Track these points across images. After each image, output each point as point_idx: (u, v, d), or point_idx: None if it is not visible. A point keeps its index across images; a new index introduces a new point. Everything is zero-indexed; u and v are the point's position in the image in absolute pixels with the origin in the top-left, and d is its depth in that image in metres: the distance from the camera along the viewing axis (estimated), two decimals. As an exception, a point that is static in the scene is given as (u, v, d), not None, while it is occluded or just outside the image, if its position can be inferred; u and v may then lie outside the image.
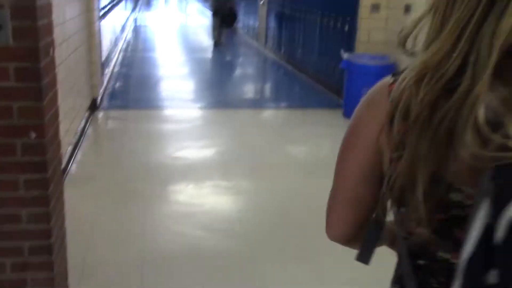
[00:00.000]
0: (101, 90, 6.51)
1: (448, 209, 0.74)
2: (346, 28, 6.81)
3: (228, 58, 10.91)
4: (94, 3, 5.90)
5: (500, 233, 0.61)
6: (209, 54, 11.23)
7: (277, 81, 9.27)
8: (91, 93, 5.96)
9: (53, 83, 2.25)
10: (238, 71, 10.09)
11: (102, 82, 6.71)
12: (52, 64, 2.24)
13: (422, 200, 0.73)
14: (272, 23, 10.85)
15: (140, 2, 24.47)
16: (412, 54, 0.78)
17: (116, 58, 9.32)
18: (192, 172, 4.37)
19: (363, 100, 0.88)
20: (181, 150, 4.94)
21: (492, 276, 0.61)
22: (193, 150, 4.98)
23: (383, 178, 0.81)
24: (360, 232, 0.90)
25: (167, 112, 6.39)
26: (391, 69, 5.93)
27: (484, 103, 0.66)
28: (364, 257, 0.91)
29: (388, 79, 0.84)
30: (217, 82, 8.57)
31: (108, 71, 7.72)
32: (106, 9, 7.77)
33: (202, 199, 3.90)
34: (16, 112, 2.03)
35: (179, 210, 3.69)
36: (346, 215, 0.91)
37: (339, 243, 0.95)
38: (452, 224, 0.74)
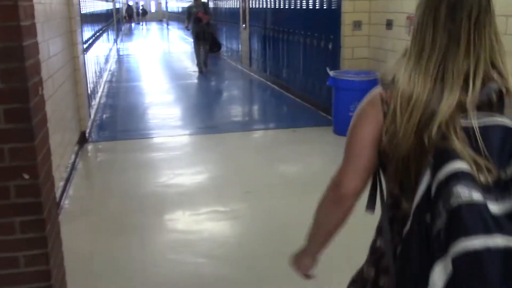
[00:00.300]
0: (89, 123, 6.48)
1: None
2: (330, 46, 6.87)
3: (213, 82, 10.94)
4: (77, 38, 5.90)
5: (433, 189, 1.01)
6: (194, 79, 11.25)
7: (264, 102, 9.30)
8: (79, 126, 5.93)
9: (43, 122, 2.24)
10: (224, 95, 10.12)
11: (90, 114, 6.69)
12: (41, 103, 2.23)
13: (395, 167, 1.19)
14: (255, 46, 10.93)
15: (121, 33, 24.57)
16: (388, 85, 1.23)
17: (102, 89, 9.31)
18: (187, 199, 4.34)
19: (365, 101, 1.30)
20: (174, 178, 4.91)
21: (428, 217, 1.01)
22: (185, 177, 4.95)
23: (379, 151, 1.24)
24: (365, 187, 1.30)
25: (157, 140, 6.36)
26: (377, 84, 5.98)
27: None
28: (370, 206, 1.32)
29: (379, 88, 1.27)
30: (204, 107, 8.57)
31: (94, 103, 7.70)
32: (89, 42, 7.77)
33: (199, 226, 3.86)
34: (8, 154, 2.01)
35: (177, 238, 3.64)
36: (357, 174, 1.28)
37: (348, 200, 1.30)
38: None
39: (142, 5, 41.06)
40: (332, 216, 1.35)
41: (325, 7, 7.03)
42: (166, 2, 37.42)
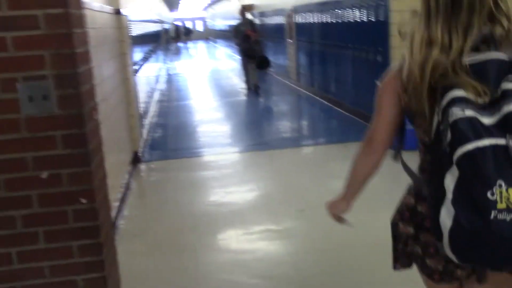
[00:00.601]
0: (141, 143, 6.60)
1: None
2: (379, 58, 6.74)
3: (261, 98, 10.93)
4: (128, 60, 6.04)
5: (439, 116, 1.33)
6: (242, 96, 11.30)
7: (313, 117, 9.22)
8: (132, 146, 6.04)
9: (99, 146, 2.26)
10: (273, 111, 10.10)
11: (142, 134, 6.81)
12: (97, 128, 2.26)
13: (427, 118, 1.43)
14: (302, 60, 10.90)
15: (170, 53, 25.12)
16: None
17: (153, 109, 9.49)
18: (239, 218, 4.31)
19: (386, 77, 1.62)
20: (225, 196, 4.91)
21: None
22: (237, 195, 4.94)
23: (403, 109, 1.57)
24: (390, 140, 1.65)
25: (207, 158, 6.40)
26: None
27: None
28: (396, 156, 1.66)
29: (394, 68, 1.61)
30: (254, 123, 8.59)
31: (146, 123, 7.84)
32: (140, 63, 7.96)
33: (252, 245, 3.82)
34: (66, 179, 2.04)
35: (231, 259, 3.61)
36: (383, 130, 1.63)
37: (378, 152, 1.67)
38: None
39: (186, 25, 41.96)
40: (365, 166, 1.73)
41: (372, 19, 6.92)
42: (213, 21, 38.05)
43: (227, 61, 21.21)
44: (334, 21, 8.55)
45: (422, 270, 1.62)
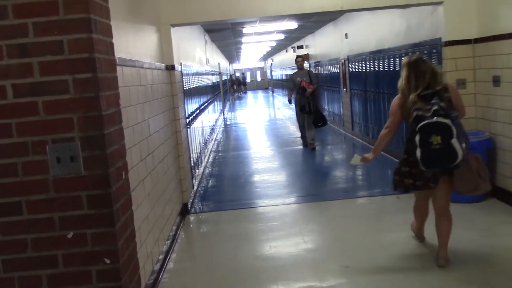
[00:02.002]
0: (192, 194, 6.65)
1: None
2: (433, 106, 6.55)
3: (317, 147, 10.84)
4: (180, 113, 6.19)
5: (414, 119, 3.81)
6: (298, 145, 11.23)
7: (367, 167, 8.97)
8: (182, 198, 6.10)
9: (127, 205, 2.27)
10: (327, 160, 9.98)
11: (192, 186, 6.88)
12: (125, 187, 2.28)
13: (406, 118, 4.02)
14: (357, 109, 10.79)
15: (228, 103, 25.65)
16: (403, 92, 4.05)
17: (206, 159, 9.62)
18: (283, 273, 4.20)
19: (395, 99, 4.13)
20: (271, 250, 4.81)
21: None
22: (282, 249, 4.83)
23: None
24: (397, 127, 4.24)
25: (257, 210, 6.35)
26: (488, 144, 5.54)
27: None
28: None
29: (397, 96, 4.12)
30: (307, 174, 8.49)
31: (198, 173, 7.93)
32: (194, 114, 8.15)
33: (294, 304, 3.68)
34: (91, 239, 2.05)
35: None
36: (395, 123, 4.18)
37: (391, 132, 4.21)
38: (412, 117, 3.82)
39: (239, 76, 42.96)
40: (386, 139, 4.24)
41: (425, 67, 6.77)
42: (271, 71, 38.75)
43: (284, 110, 21.37)
44: (386, 69, 8.45)
45: (415, 188, 4.13)
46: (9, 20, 1.99)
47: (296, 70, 10.76)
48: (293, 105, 11.21)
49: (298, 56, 10.90)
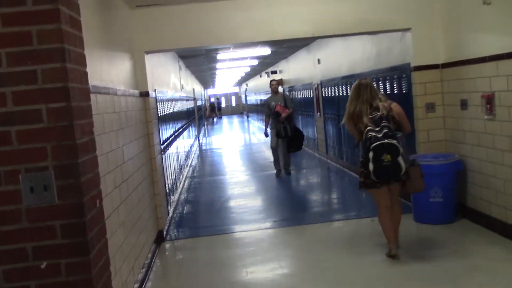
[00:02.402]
0: (167, 221, 6.60)
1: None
2: (404, 130, 6.70)
3: (292, 171, 10.89)
4: (154, 139, 6.18)
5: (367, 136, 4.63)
6: (273, 170, 11.26)
7: (342, 190, 9.10)
8: (157, 225, 6.04)
9: (101, 234, 2.26)
10: (302, 184, 10.04)
11: (168, 212, 6.83)
12: (99, 216, 2.27)
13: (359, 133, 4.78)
14: (331, 133, 10.93)
15: (203, 128, 25.66)
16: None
17: (181, 185, 9.57)
18: (260, 300, 4.18)
19: (345, 117, 4.93)
20: (247, 276, 4.80)
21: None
22: (259, 275, 4.82)
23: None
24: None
25: (234, 236, 6.33)
26: (458, 166, 5.67)
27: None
28: (357, 145, 5.09)
29: (346, 114, 4.92)
30: (283, 198, 8.52)
31: (174, 199, 7.89)
32: (169, 141, 8.14)
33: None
34: (64, 269, 2.03)
35: None
36: (355, 134, 4.89)
37: (357, 138, 4.90)
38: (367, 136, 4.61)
39: (214, 101, 43.21)
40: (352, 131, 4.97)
41: (396, 91, 6.94)
42: (246, 96, 39.00)
43: (260, 135, 21.47)
44: (359, 94, 8.61)
45: (374, 186, 4.74)
46: (-19, 51, 1.99)
47: (270, 95, 10.47)
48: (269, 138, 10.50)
49: (272, 80, 10.78)
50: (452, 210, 5.74)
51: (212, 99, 44.08)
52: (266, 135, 10.54)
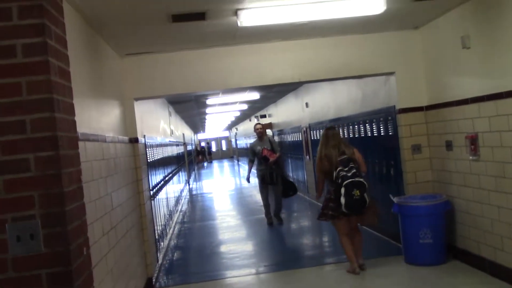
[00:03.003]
0: (157, 267, 6.52)
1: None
2: (392, 172, 6.77)
3: (282, 215, 10.86)
4: (144, 185, 6.18)
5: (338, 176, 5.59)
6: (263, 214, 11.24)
7: (333, 233, 9.02)
8: (146, 272, 5.97)
9: (88, 283, 2.26)
10: (293, 228, 9.99)
11: (157, 259, 6.75)
12: (86, 264, 2.26)
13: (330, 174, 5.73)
14: (320, 175, 10.95)
15: (193, 172, 25.61)
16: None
17: (171, 231, 9.49)
18: None
19: (318, 159, 5.98)
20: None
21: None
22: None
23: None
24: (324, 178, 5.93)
25: (225, 281, 6.25)
26: (446, 207, 5.71)
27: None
28: (324, 188, 6.13)
29: (318, 156, 5.98)
30: (274, 242, 8.47)
31: (163, 245, 7.81)
32: (158, 186, 8.12)
33: None
34: (50, 319, 2.01)
35: None
36: (322, 178, 6.00)
37: (322, 183, 6.06)
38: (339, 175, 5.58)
39: (205, 146, 43.41)
40: (320, 185, 6.19)
41: (382, 133, 7.05)
42: (236, 140, 39.19)
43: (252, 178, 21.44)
44: (346, 136, 8.72)
45: (337, 217, 5.68)
46: (-29, 102, 2.03)
47: (256, 139, 9.84)
48: (254, 180, 10.05)
49: (257, 124, 10.13)
50: (442, 251, 5.74)
51: (203, 144, 44.20)
52: (248, 181, 10.55)
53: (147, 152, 6.96)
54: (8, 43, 2.05)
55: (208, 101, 13.25)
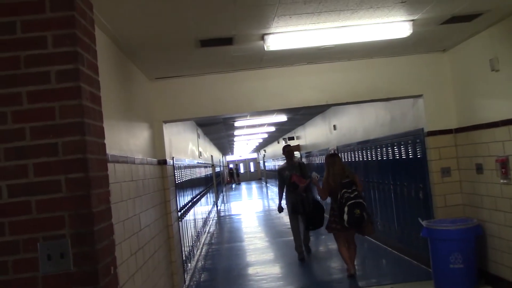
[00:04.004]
0: (184, 289, 6.55)
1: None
2: (421, 195, 6.68)
3: (311, 237, 10.77)
4: (172, 206, 6.26)
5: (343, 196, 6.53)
6: (291, 236, 11.16)
7: (362, 256, 8.93)
8: (173, 293, 6.00)
9: (114, 301, 2.30)
10: (321, 251, 9.90)
11: (184, 280, 6.78)
12: (113, 283, 2.31)
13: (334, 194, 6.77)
14: (348, 198, 10.86)
15: (222, 194, 25.68)
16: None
17: (199, 252, 9.52)
18: None
19: (324, 178, 7.02)
20: None
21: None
22: None
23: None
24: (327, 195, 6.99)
25: (251, 304, 6.23)
26: (476, 231, 5.60)
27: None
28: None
29: (325, 177, 7.03)
30: (301, 265, 8.40)
31: (190, 267, 7.84)
32: (186, 207, 8.20)
33: None
34: (77, 337, 2.06)
35: None
36: (326, 192, 6.95)
37: (326, 196, 6.98)
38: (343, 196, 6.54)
39: (233, 167, 43.57)
40: (323, 197, 7.11)
41: (411, 156, 6.99)
42: (264, 162, 39.21)
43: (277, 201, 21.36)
44: (374, 159, 8.67)
45: (338, 230, 6.74)
46: (7, 125, 2.13)
47: (284, 162, 9.01)
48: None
49: (286, 146, 9.18)
50: (473, 276, 5.61)
51: (231, 165, 44.36)
52: (280, 210, 8.95)
53: (176, 173, 7.06)
54: (44, 70, 2.15)
55: (236, 123, 13.37)
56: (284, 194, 8.69)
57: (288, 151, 8.92)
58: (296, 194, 8.27)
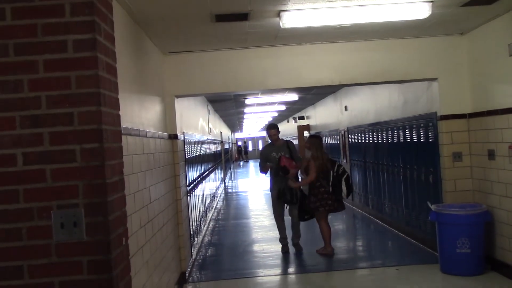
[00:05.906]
0: (190, 263, 6.62)
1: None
2: (431, 179, 6.66)
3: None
4: (181, 181, 6.28)
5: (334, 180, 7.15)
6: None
7: (368, 238, 8.98)
8: (180, 266, 6.07)
9: (125, 272, 2.32)
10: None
11: (191, 254, 6.85)
12: (125, 254, 2.34)
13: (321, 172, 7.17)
14: (356, 179, 10.88)
15: (230, 171, 25.75)
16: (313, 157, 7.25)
17: (206, 227, 9.60)
18: None
19: (310, 159, 7.27)
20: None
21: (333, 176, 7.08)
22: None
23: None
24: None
25: (257, 280, 6.29)
26: (485, 217, 5.58)
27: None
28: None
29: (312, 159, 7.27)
30: (307, 244, 8.43)
31: (197, 241, 7.91)
32: (195, 183, 8.23)
33: None
34: (89, 305, 2.09)
35: None
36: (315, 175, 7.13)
37: (313, 179, 7.08)
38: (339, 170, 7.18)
39: (242, 145, 43.61)
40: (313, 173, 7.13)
41: (422, 140, 6.94)
42: (273, 140, 39.12)
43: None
44: (385, 141, 8.63)
45: (334, 208, 7.26)
46: (24, 93, 2.14)
47: (269, 143, 7.68)
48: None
49: (271, 127, 7.58)
50: (480, 262, 5.61)
51: (239, 143, 44.41)
52: (265, 171, 7.59)
53: (186, 148, 7.07)
54: (61, 39, 2.14)
55: (247, 101, 13.33)
56: (269, 179, 7.55)
57: (272, 134, 7.51)
58: (284, 179, 7.15)
